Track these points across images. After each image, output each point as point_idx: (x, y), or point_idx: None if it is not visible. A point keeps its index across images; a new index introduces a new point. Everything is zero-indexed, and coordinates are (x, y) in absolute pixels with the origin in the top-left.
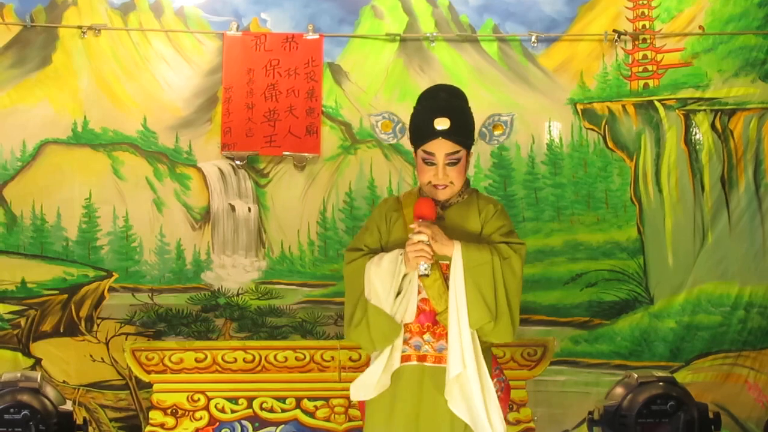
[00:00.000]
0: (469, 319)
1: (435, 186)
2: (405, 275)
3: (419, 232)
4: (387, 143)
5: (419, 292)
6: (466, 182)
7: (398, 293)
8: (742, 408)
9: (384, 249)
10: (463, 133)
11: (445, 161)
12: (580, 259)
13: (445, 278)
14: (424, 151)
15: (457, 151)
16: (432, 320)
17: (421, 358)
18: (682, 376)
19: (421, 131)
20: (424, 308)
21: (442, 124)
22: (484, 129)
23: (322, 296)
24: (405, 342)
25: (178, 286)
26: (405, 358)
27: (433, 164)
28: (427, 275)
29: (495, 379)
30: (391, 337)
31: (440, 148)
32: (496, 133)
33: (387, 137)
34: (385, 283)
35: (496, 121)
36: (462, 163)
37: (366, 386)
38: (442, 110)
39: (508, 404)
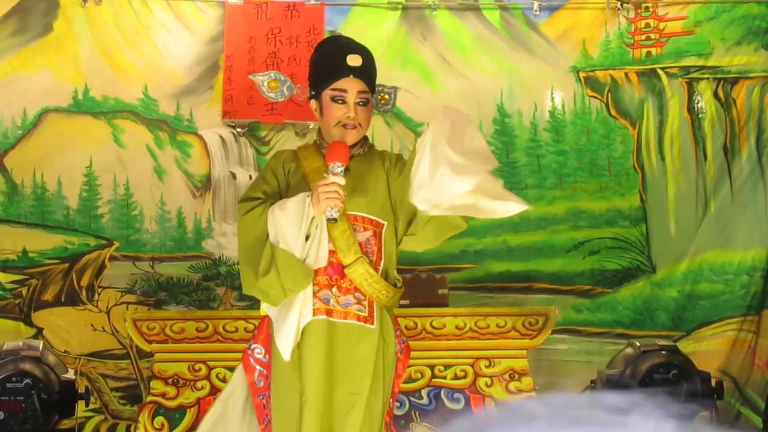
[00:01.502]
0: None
1: (345, 126)
2: (312, 219)
3: (336, 174)
4: (275, 100)
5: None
6: (366, 139)
7: (306, 238)
8: (742, 372)
9: (282, 197)
10: (371, 76)
11: (356, 99)
12: (583, 227)
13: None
14: (335, 89)
15: (367, 92)
16: (340, 273)
17: (329, 313)
18: (684, 346)
19: (330, 69)
20: (331, 260)
21: (354, 61)
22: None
23: None
24: (314, 295)
25: (179, 255)
26: (314, 312)
27: (344, 102)
28: (336, 220)
29: (396, 340)
30: (304, 281)
31: (352, 85)
32: (381, 104)
33: (276, 96)
34: (293, 225)
35: (380, 93)
36: (370, 106)
37: (287, 342)
38: (354, 49)
39: (406, 366)
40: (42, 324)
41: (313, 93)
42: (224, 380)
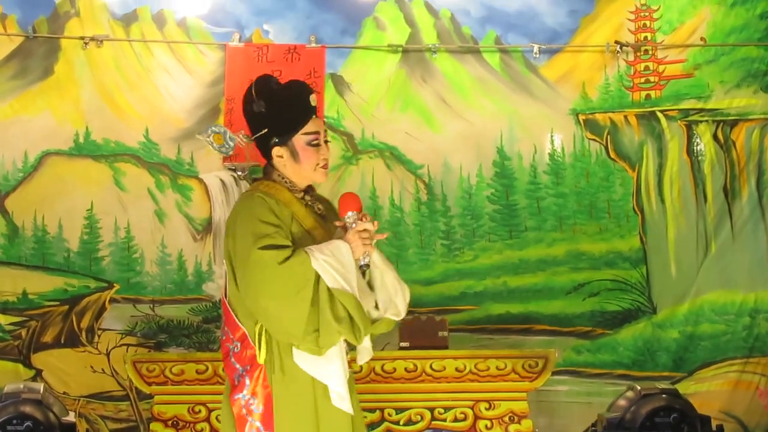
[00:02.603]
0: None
1: (323, 167)
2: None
3: (365, 221)
4: (227, 154)
5: None
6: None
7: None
8: (751, 415)
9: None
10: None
11: (324, 139)
12: (583, 268)
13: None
14: (308, 134)
15: (325, 130)
16: None
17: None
18: (686, 387)
19: (299, 112)
20: None
21: (314, 101)
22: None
23: None
24: None
25: (179, 297)
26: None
27: (318, 144)
28: (368, 266)
29: None
30: (368, 327)
31: (319, 125)
32: (217, 144)
33: (225, 150)
34: (351, 272)
35: (221, 131)
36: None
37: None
38: (309, 89)
39: None
40: (41, 365)
41: (277, 140)
42: None
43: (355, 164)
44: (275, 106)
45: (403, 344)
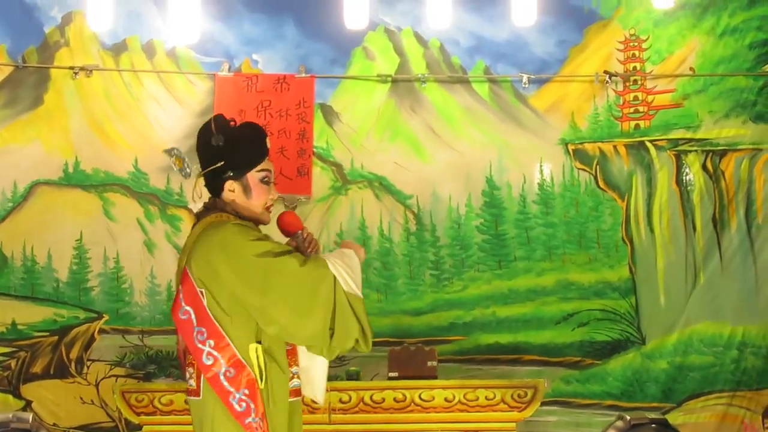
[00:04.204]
0: None
1: (269, 208)
2: None
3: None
4: (185, 177)
5: None
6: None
7: None
8: None
9: None
10: None
11: (273, 180)
12: (572, 298)
13: None
14: (262, 170)
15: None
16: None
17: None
18: (674, 417)
19: (257, 150)
20: None
21: (268, 143)
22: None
23: None
24: (295, 376)
25: (168, 328)
26: (295, 392)
27: (269, 183)
28: None
29: None
30: (372, 331)
31: (271, 166)
32: (178, 166)
33: (184, 174)
34: (359, 275)
35: (179, 155)
36: None
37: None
38: (265, 133)
39: None
40: (31, 396)
41: (232, 174)
42: None
43: (344, 194)
44: (234, 142)
45: (392, 374)
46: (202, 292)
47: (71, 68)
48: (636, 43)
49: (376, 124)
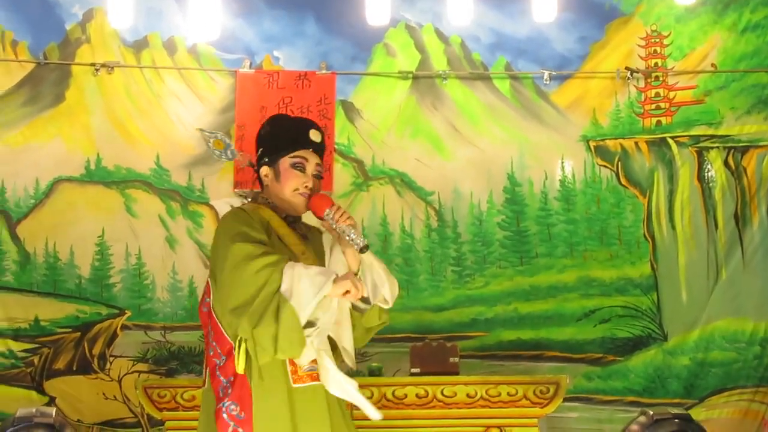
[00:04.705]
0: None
1: (301, 194)
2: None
3: (339, 212)
4: (218, 159)
5: None
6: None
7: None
8: None
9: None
10: (324, 154)
11: (314, 171)
12: (594, 295)
13: None
14: (295, 157)
15: (322, 166)
16: None
17: (316, 378)
18: (696, 413)
19: (293, 139)
20: None
21: (315, 137)
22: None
23: None
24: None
25: (190, 324)
26: (305, 377)
27: (303, 170)
28: (368, 247)
29: None
30: (297, 348)
31: (312, 157)
32: (216, 147)
33: (219, 154)
34: (310, 291)
35: (221, 138)
36: (321, 182)
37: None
38: (315, 126)
39: None
40: (54, 392)
41: (267, 160)
42: None
43: (366, 191)
44: (272, 130)
45: (414, 370)
46: (208, 282)
47: (92, 65)
48: (657, 40)
49: (397, 121)
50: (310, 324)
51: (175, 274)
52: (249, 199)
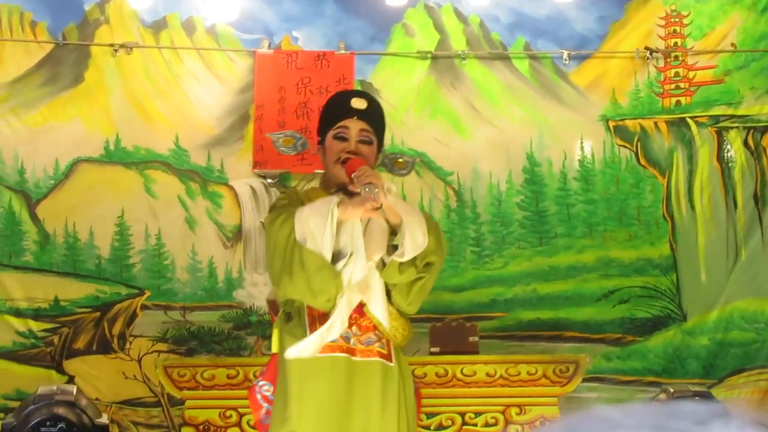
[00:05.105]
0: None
1: (342, 162)
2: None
3: (365, 174)
4: (287, 154)
5: None
6: None
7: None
8: None
9: None
10: (377, 120)
11: (358, 137)
12: (613, 275)
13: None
14: (336, 128)
15: (369, 131)
16: (359, 312)
17: (350, 351)
18: (716, 393)
19: (335, 113)
20: None
21: (359, 104)
22: (386, 160)
23: None
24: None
25: (210, 304)
26: (334, 348)
27: (345, 139)
28: (380, 206)
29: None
30: (332, 288)
31: (355, 124)
32: (397, 167)
33: (288, 150)
34: (320, 224)
35: (398, 158)
36: (374, 148)
37: (300, 348)
38: (359, 94)
39: (420, 405)
40: (74, 372)
41: (319, 140)
42: (255, 427)
43: (385, 171)
44: (323, 109)
45: (433, 349)
46: None
47: (111, 45)
48: (677, 19)
49: (416, 101)
50: (341, 256)
51: (195, 254)
52: (269, 180)
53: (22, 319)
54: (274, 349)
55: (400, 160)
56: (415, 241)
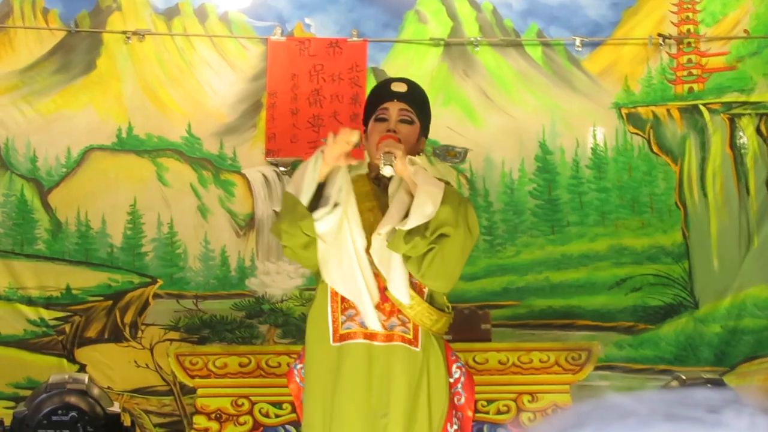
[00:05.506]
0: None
1: (381, 144)
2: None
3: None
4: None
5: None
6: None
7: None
8: None
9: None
10: (418, 102)
11: (398, 117)
12: (625, 263)
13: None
14: (378, 110)
15: (410, 110)
16: (382, 296)
17: (370, 336)
18: (728, 380)
19: (376, 98)
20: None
21: (399, 87)
22: (438, 151)
23: None
24: (350, 319)
25: (222, 293)
26: (348, 336)
27: (385, 120)
28: (391, 174)
29: (454, 365)
30: (295, 227)
31: (394, 105)
32: (450, 156)
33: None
34: (303, 171)
35: (451, 149)
36: (415, 128)
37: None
38: (399, 79)
39: (473, 392)
40: (85, 360)
41: (365, 130)
42: (267, 415)
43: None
44: (367, 98)
45: (445, 337)
46: None
47: (124, 33)
48: (690, 5)
49: (428, 88)
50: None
51: (207, 243)
52: (281, 168)
53: (33, 308)
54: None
55: (452, 150)
56: (421, 210)
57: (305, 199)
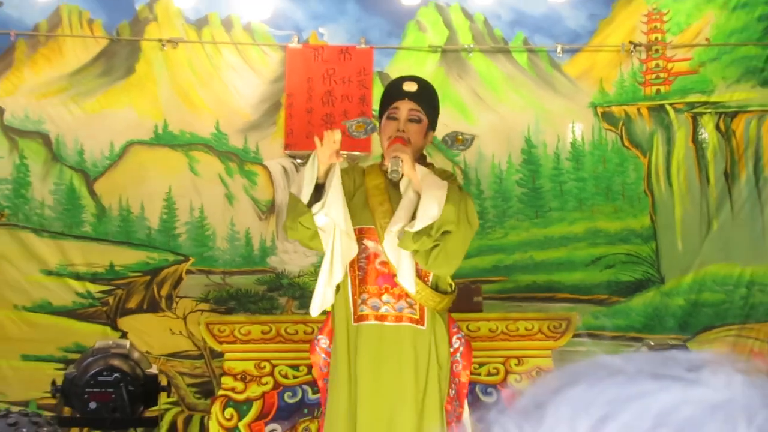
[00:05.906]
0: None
1: (393, 140)
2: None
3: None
4: (359, 138)
5: (377, 257)
6: (423, 157)
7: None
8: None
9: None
10: (428, 101)
11: (408, 116)
12: (600, 244)
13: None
14: (390, 109)
15: (419, 110)
16: (391, 282)
17: (380, 318)
18: (690, 347)
19: (389, 96)
20: (382, 270)
21: (410, 87)
22: (446, 138)
23: None
24: (363, 302)
25: (246, 269)
26: (363, 318)
27: (396, 119)
28: (399, 177)
29: (454, 337)
30: (296, 222)
31: (405, 105)
32: (457, 143)
33: (359, 134)
34: (304, 173)
35: (458, 135)
36: (423, 126)
37: (314, 303)
38: (411, 78)
39: (470, 358)
40: (126, 328)
41: (379, 125)
42: (286, 376)
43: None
44: (381, 96)
45: None
46: None
47: (159, 41)
48: (658, 17)
49: None
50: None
51: (233, 226)
52: (298, 160)
53: (81, 282)
54: (330, 306)
55: (460, 137)
56: (427, 212)
57: (305, 197)
